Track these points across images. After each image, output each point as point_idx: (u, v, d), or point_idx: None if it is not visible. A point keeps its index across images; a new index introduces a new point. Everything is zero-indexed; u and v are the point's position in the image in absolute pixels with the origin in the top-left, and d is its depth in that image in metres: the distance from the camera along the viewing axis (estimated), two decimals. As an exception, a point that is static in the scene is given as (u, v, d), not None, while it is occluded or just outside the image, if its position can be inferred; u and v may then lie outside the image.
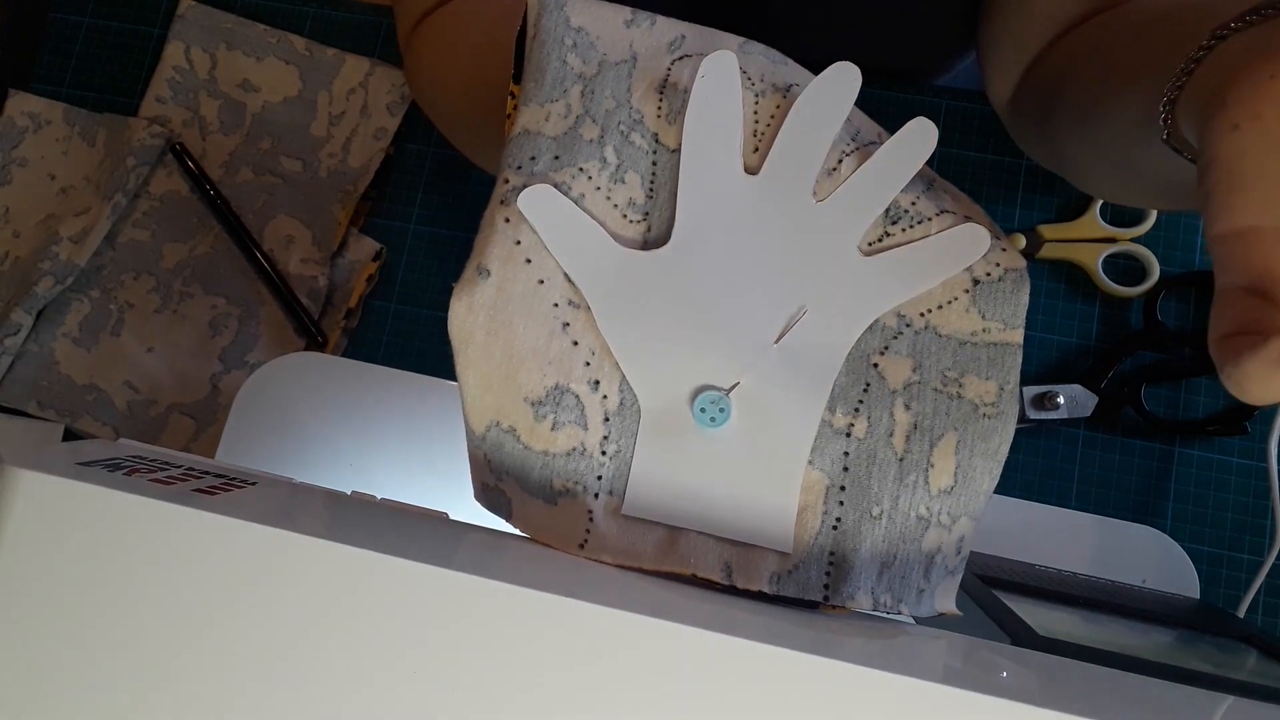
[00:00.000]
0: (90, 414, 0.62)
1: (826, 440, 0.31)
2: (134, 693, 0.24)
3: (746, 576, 0.31)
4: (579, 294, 0.31)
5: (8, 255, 0.65)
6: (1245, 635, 0.43)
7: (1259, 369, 0.25)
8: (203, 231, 0.64)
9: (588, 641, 0.24)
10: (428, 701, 0.24)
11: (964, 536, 0.32)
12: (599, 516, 0.31)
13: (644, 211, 0.32)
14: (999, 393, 0.32)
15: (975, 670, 0.27)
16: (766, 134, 0.32)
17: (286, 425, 0.54)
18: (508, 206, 0.31)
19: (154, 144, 0.63)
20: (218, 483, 0.28)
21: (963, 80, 0.71)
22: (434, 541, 0.28)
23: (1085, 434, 0.58)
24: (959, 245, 0.32)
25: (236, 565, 0.25)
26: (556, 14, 0.33)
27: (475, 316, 0.31)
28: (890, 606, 0.31)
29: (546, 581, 0.25)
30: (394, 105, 0.65)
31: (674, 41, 0.33)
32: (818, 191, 0.32)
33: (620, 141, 0.32)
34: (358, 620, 0.24)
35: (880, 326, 0.32)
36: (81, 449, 0.29)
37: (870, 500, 0.31)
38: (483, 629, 0.24)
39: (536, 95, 0.32)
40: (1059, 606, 0.42)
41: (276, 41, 0.66)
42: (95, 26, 0.68)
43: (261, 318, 0.63)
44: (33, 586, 0.25)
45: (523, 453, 0.31)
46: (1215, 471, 0.57)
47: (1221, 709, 0.30)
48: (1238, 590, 0.55)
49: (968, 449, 0.31)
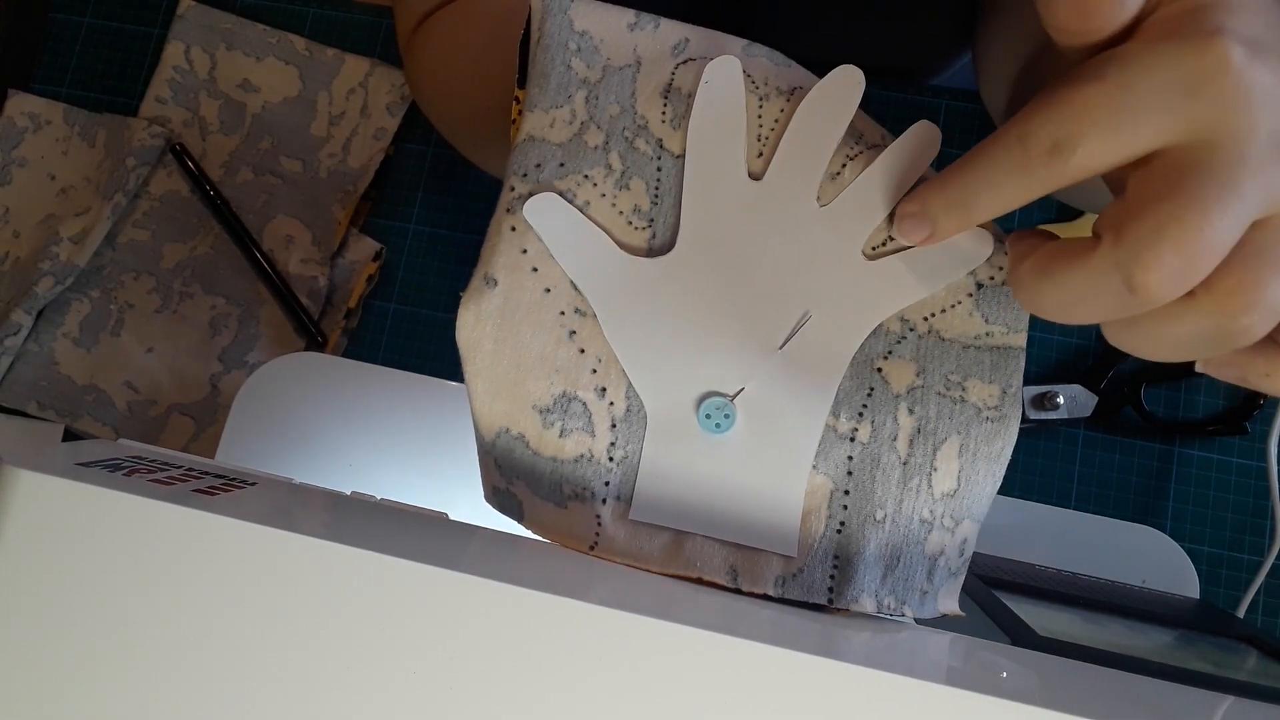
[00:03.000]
0: (90, 414, 0.62)
1: (830, 444, 0.31)
2: (134, 693, 0.24)
3: (751, 580, 0.31)
4: (585, 301, 0.31)
5: (8, 255, 0.65)
6: (1245, 635, 0.43)
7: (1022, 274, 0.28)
8: (203, 231, 0.64)
9: (589, 642, 0.24)
10: (428, 702, 0.24)
11: (967, 539, 0.32)
12: (606, 521, 0.31)
13: (649, 218, 0.32)
14: (1002, 396, 0.32)
15: (975, 670, 0.27)
16: (771, 138, 0.32)
17: (286, 425, 0.54)
18: (514, 215, 0.31)
19: (154, 144, 0.63)
20: (218, 483, 0.28)
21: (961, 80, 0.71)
22: (433, 542, 0.28)
23: (1085, 434, 0.58)
24: (962, 249, 0.32)
25: (236, 566, 0.25)
26: (560, 17, 0.33)
27: (483, 325, 0.31)
28: (894, 608, 0.31)
29: (549, 582, 0.25)
30: (394, 105, 0.65)
31: (678, 45, 0.33)
32: (821, 196, 0.32)
33: (625, 147, 0.32)
34: (357, 621, 0.24)
35: (884, 331, 0.32)
36: (81, 449, 0.29)
37: (874, 504, 0.31)
38: (484, 630, 0.24)
39: (541, 101, 0.32)
40: (1059, 606, 0.42)
41: (276, 41, 0.66)
42: (95, 26, 0.68)
43: (261, 318, 0.63)
44: (32, 587, 0.24)
45: (532, 458, 0.31)
46: (1215, 471, 0.57)
47: (1221, 709, 0.30)
48: (1238, 590, 0.55)
49: (971, 452, 0.31)
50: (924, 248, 0.32)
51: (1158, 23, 0.26)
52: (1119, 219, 0.25)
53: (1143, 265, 0.24)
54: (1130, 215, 0.25)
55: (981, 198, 0.27)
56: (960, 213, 0.28)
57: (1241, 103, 0.24)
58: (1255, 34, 0.25)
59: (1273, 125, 0.24)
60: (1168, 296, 0.25)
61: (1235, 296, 0.25)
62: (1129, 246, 0.24)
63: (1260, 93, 0.24)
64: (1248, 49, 0.24)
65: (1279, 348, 0.27)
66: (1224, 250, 0.24)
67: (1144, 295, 0.25)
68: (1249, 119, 0.24)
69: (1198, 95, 0.24)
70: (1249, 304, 0.25)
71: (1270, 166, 0.24)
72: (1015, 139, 0.26)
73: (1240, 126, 0.24)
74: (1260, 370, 0.28)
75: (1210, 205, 0.24)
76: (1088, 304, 0.26)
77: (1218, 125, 0.24)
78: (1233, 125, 0.24)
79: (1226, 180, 0.24)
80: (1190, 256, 0.24)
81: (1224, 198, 0.24)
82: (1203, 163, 0.24)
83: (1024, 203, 0.27)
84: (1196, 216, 0.24)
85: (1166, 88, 0.24)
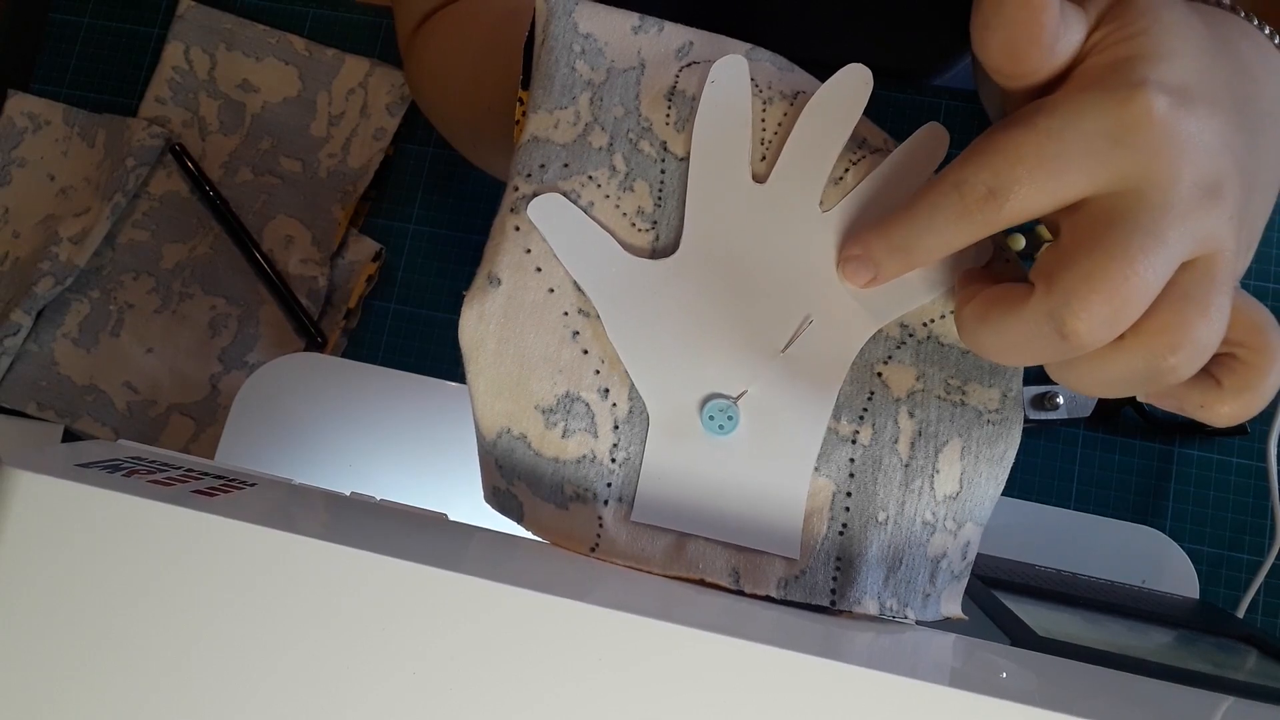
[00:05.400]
0: (90, 415, 0.62)
1: (832, 447, 0.31)
2: (133, 694, 0.24)
3: (754, 582, 0.31)
4: (588, 302, 0.31)
5: (7, 256, 0.65)
6: (1245, 635, 0.43)
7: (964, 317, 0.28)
8: (202, 232, 0.64)
9: (590, 644, 0.24)
10: (428, 702, 0.24)
11: (969, 541, 0.32)
12: (608, 522, 0.31)
13: (652, 220, 0.32)
14: (1002, 399, 0.32)
15: (975, 671, 0.27)
16: (774, 142, 0.32)
17: (286, 426, 0.54)
18: (518, 215, 0.31)
19: (153, 144, 0.63)
20: (217, 484, 0.28)
21: (961, 80, 0.71)
22: (433, 543, 0.28)
23: (1085, 434, 0.58)
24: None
25: (236, 567, 0.25)
26: (565, 20, 0.33)
27: (486, 325, 0.31)
28: (896, 611, 0.31)
29: (549, 583, 0.25)
30: (394, 105, 0.65)
31: (682, 48, 0.33)
32: (824, 201, 0.32)
33: (629, 149, 0.32)
34: (357, 622, 0.24)
35: (884, 336, 0.32)
36: (81, 450, 0.29)
37: (876, 506, 0.31)
38: (484, 631, 0.24)
39: (545, 102, 0.32)
40: (1059, 606, 0.42)
41: (276, 42, 0.66)
42: (95, 27, 0.68)
43: (261, 318, 0.63)
44: (32, 588, 0.24)
45: (534, 459, 0.31)
46: (1215, 471, 0.57)
47: (1221, 709, 0.30)
48: (1238, 590, 0.55)
49: (973, 455, 0.31)
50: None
51: (1085, 72, 0.26)
52: (1050, 268, 0.26)
53: (1072, 313, 0.25)
54: (1060, 265, 0.26)
55: (923, 242, 0.28)
56: (902, 256, 0.29)
57: (1164, 151, 0.25)
58: (1183, 82, 0.25)
59: (1197, 172, 0.25)
60: (1097, 342, 0.25)
61: (1161, 337, 0.25)
62: (1059, 295, 0.25)
63: (1184, 141, 0.25)
64: (1173, 99, 0.25)
65: (1213, 380, 0.28)
66: (1150, 296, 0.25)
67: (1074, 342, 0.25)
68: (1172, 167, 0.25)
69: (1122, 144, 0.25)
70: (1175, 344, 0.25)
71: (1195, 211, 0.25)
72: (951, 186, 0.27)
73: (1164, 174, 0.25)
74: (1195, 402, 0.28)
75: (1135, 255, 0.25)
76: (1024, 349, 0.27)
77: (1142, 173, 0.25)
78: (1156, 173, 0.25)
79: (1150, 228, 0.25)
80: (1118, 304, 0.25)
81: (1148, 246, 0.25)
82: (1128, 211, 0.25)
83: (966, 244, 0.28)
84: (1121, 266, 0.24)
85: (1093, 137, 0.25)
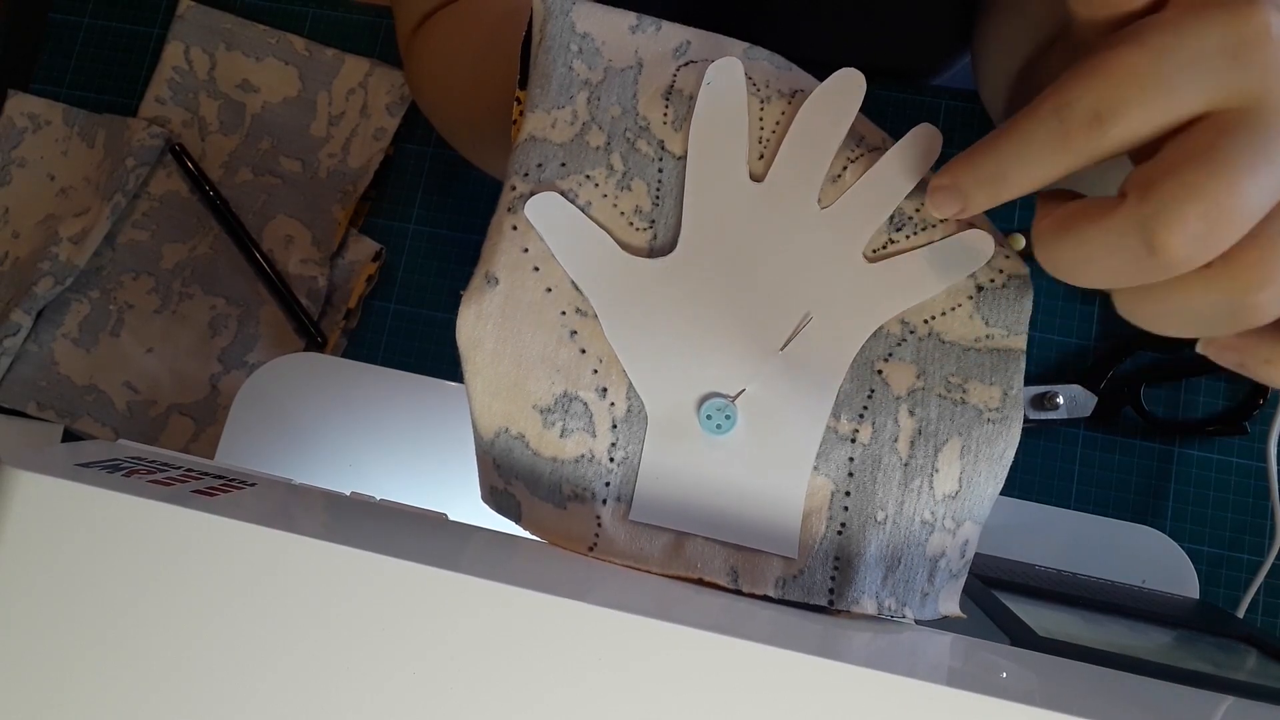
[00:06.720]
0: (90, 415, 0.62)
1: (831, 446, 0.31)
2: (133, 694, 0.24)
3: (752, 581, 0.31)
4: (586, 301, 0.31)
5: (7, 256, 0.65)
6: (1245, 635, 0.43)
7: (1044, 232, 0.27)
8: (202, 232, 0.64)
9: (589, 643, 0.24)
10: (428, 702, 0.24)
11: (968, 540, 0.32)
12: (607, 522, 0.31)
13: (650, 219, 0.32)
14: (1003, 398, 0.32)
15: (975, 671, 0.27)
16: (772, 141, 0.32)
17: (286, 425, 0.54)
18: (515, 214, 0.31)
19: (153, 144, 0.63)
20: (217, 484, 0.28)
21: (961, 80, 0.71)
22: (432, 542, 0.28)
23: (1085, 434, 0.58)
24: (963, 252, 0.32)
25: (236, 566, 0.25)
26: (562, 19, 0.33)
27: (484, 324, 0.31)
28: (895, 610, 0.31)
29: (548, 583, 0.25)
30: (394, 106, 0.65)
31: (679, 47, 0.33)
32: (822, 199, 0.32)
33: (626, 148, 0.32)
34: (357, 621, 0.24)
35: (884, 333, 0.32)
36: (80, 450, 0.29)
37: (875, 505, 0.31)
38: (483, 631, 0.24)
39: (543, 101, 0.32)
40: (1059, 606, 0.42)
41: (276, 42, 0.66)
42: (95, 27, 0.68)
43: (261, 318, 0.63)
44: (32, 588, 0.24)
45: (531, 459, 0.31)
46: (1215, 471, 0.57)
47: (1221, 709, 0.30)
48: (1238, 590, 0.55)
49: (972, 454, 0.31)
50: (924, 250, 0.32)
51: None
52: (1148, 176, 0.24)
53: (1165, 225, 0.24)
54: (1160, 172, 0.24)
55: (1015, 172, 0.27)
56: (992, 188, 0.28)
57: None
58: None
59: None
60: (1185, 262, 0.24)
61: (1252, 271, 0.24)
62: (1154, 204, 0.24)
63: None
64: None
65: None
66: (1251, 220, 0.24)
67: (1163, 258, 0.24)
68: None
69: (1239, 61, 0.24)
70: (1265, 280, 0.24)
71: None
72: (1051, 110, 0.25)
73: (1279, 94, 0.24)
74: (1261, 356, 0.27)
75: (1242, 171, 0.23)
76: (1103, 264, 0.25)
77: (1259, 92, 0.24)
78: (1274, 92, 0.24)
79: (1262, 147, 0.24)
80: (1215, 221, 0.23)
81: (1257, 166, 0.23)
82: (1240, 127, 0.24)
83: (1058, 178, 0.26)
84: (1228, 180, 0.23)
85: (1208, 53, 0.24)
